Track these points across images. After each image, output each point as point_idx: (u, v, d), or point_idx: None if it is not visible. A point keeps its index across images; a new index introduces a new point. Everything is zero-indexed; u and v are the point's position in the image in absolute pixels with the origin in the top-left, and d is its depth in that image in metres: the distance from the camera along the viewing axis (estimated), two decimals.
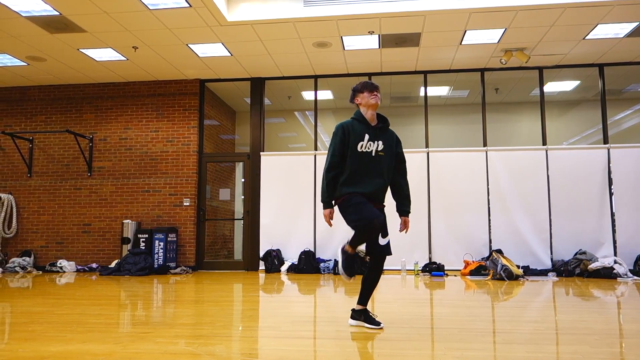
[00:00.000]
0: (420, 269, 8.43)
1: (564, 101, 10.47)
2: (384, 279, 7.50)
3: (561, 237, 8.55)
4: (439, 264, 8.44)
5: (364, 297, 3.61)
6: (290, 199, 9.26)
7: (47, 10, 6.79)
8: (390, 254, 3.60)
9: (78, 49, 8.17)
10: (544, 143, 8.96)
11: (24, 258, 9.39)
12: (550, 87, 9.69)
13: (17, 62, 8.70)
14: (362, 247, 3.75)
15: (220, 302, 5.03)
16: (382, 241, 3.54)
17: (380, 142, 3.58)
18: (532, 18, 7.09)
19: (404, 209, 3.73)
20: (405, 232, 3.76)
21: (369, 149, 3.54)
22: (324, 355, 2.77)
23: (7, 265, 9.28)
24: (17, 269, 9.20)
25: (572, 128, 10.50)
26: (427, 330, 3.47)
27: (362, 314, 3.62)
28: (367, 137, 3.55)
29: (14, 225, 9.67)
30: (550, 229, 8.60)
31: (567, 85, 9.89)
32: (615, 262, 7.67)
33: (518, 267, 7.82)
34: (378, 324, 3.54)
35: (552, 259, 8.48)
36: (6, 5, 6.62)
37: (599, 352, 2.78)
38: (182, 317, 4.10)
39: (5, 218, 9.62)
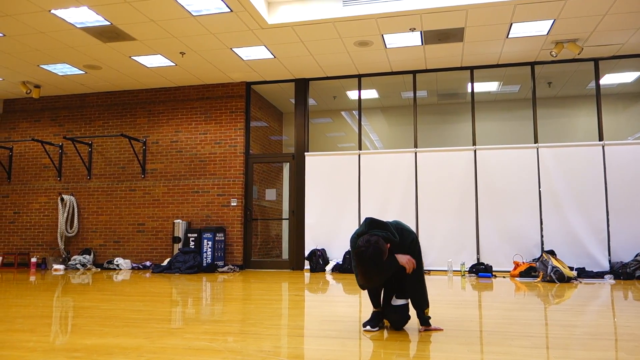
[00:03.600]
0: (467, 269, 8.22)
1: (625, 94, 9.88)
2: (429, 280, 7.37)
3: (620, 237, 8.09)
4: (487, 264, 8.19)
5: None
6: (335, 199, 9.28)
7: (100, 20, 7.16)
8: (400, 324, 3.35)
9: (130, 57, 8.55)
10: (601, 139, 8.50)
11: (84, 256, 9.94)
12: (608, 79, 9.17)
13: (76, 71, 9.23)
14: None
15: (258, 301, 5.12)
16: (394, 301, 3.37)
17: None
18: (583, 7, 6.75)
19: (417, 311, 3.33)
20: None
21: None
22: (340, 354, 2.77)
23: (70, 262, 9.86)
24: (78, 266, 9.75)
25: (636, 122, 9.90)
26: (455, 332, 3.39)
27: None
28: None
29: (76, 225, 10.26)
30: (608, 229, 8.15)
31: (627, 77, 9.33)
32: None
33: (571, 269, 7.47)
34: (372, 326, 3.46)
35: (610, 261, 8.03)
36: (62, 18, 7.04)
37: None
38: (217, 314, 4.21)
39: (68, 218, 10.22)
